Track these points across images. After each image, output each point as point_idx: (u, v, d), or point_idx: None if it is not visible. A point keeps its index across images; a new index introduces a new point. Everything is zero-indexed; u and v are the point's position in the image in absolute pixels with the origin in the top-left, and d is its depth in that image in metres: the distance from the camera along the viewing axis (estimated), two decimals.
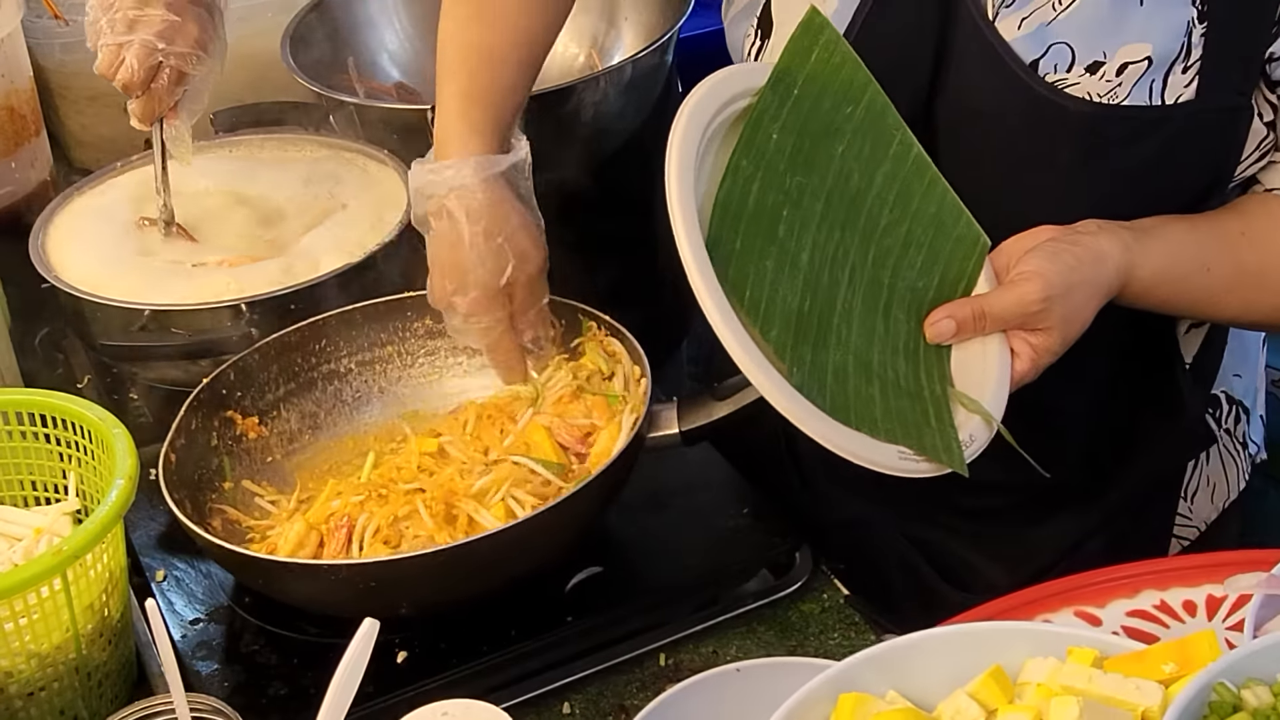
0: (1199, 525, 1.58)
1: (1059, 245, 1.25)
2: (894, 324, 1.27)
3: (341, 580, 1.20)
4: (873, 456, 1.18)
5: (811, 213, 1.26)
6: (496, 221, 1.34)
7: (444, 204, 1.34)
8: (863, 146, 1.29)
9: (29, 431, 1.34)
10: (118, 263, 1.62)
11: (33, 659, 1.19)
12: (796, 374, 1.19)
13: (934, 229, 1.31)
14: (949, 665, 0.89)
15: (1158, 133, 1.28)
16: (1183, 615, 0.98)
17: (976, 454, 1.23)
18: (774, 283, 1.21)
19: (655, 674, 1.32)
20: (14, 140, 1.76)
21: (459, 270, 1.34)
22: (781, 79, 1.26)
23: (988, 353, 1.28)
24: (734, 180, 1.23)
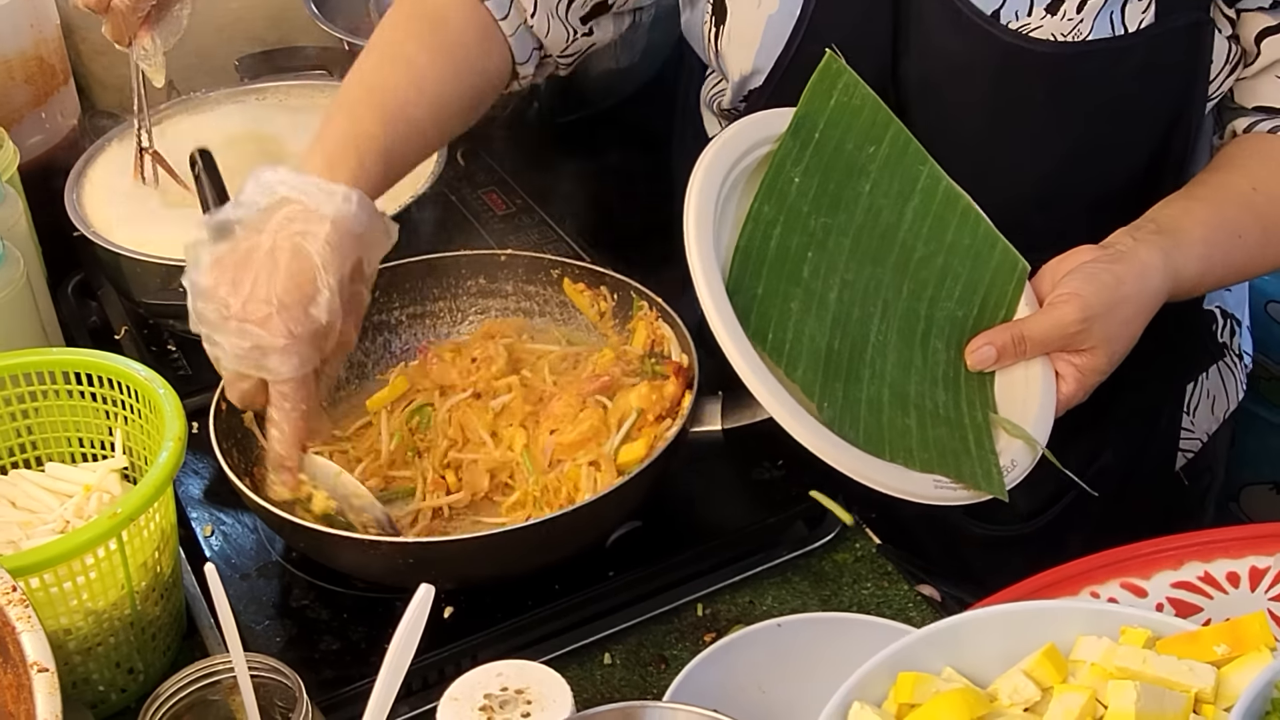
0: (1201, 437, 1.61)
1: (1098, 265, 1.26)
2: (932, 354, 1.29)
3: (383, 555, 1.23)
4: (907, 487, 1.20)
5: (839, 251, 1.28)
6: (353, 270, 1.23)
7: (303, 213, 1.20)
8: (890, 184, 1.31)
9: (75, 390, 1.36)
10: (150, 214, 1.63)
11: (90, 616, 1.22)
12: (828, 409, 1.21)
13: (970, 259, 1.33)
14: (1002, 642, 0.92)
15: (1126, 62, 1.29)
16: (1226, 586, 1.01)
17: (1019, 479, 1.25)
18: (799, 323, 1.23)
19: (693, 624, 1.35)
20: (44, 90, 1.75)
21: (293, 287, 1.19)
22: (802, 124, 1.28)
23: (1030, 377, 1.29)
24: (755, 226, 1.25)
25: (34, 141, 1.73)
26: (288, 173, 1.23)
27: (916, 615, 1.35)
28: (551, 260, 1.53)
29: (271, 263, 1.19)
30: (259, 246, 1.20)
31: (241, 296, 1.19)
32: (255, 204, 1.23)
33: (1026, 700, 0.90)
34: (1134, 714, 0.84)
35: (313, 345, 1.21)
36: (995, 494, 1.24)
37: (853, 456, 1.19)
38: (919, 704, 0.89)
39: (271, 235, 1.20)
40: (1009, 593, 1.00)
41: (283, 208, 1.21)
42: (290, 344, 1.19)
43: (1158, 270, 1.27)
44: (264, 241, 1.20)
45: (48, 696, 0.92)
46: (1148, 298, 1.27)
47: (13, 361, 1.34)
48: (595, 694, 1.29)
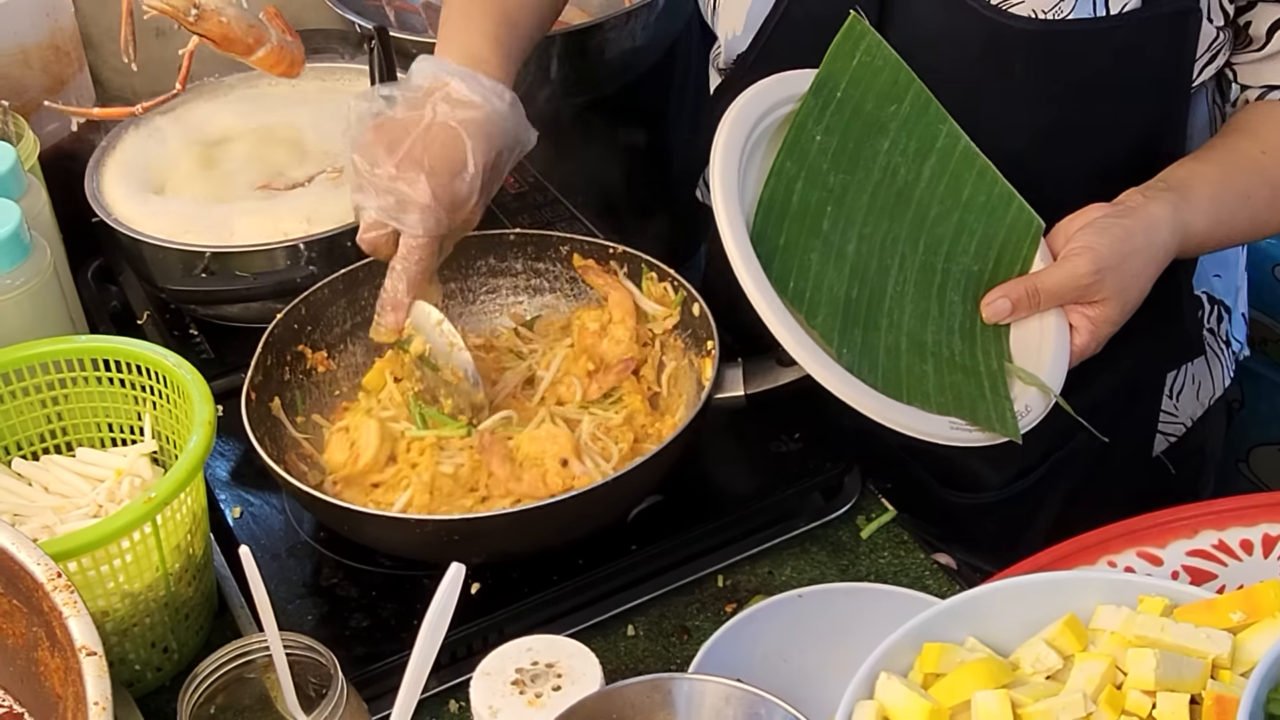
0: (1185, 422, 1.63)
1: (1109, 220, 1.29)
2: (949, 306, 1.31)
3: (428, 533, 1.25)
4: (924, 427, 1.23)
5: (857, 207, 1.31)
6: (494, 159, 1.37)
7: (462, 100, 1.34)
8: (908, 142, 1.34)
9: (104, 376, 1.38)
10: (170, 200, 1.64)
11: (126, 598, 1.24)
12: (847, 354, 1.24)
13: (986, 215, 1.35)
14: (1023, 613, 0.94)
15: (1107, 42, 1.31)
16: (1240, 553, 1.03)
17: (1033, 424, 1.28)
18: (819, 273, 1.26)
19: (714, 595, 1.38)
20: (59, 79, 1.77)
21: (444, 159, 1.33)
22: (824, 84, 1.31)
23: (1045, 328, 1.32)
24: (778, 180, 1.28)
25: (51, 129, 1.75)
26: (452, 63, 1.37)
27: (933, 583, 1.38)
28: (560, 237, 1.55)
29: (428, 135, 1.34)
30: (419, 120, 1.34)
31: (396, 157, 1.33)
32: (420, 85, 1.37)
33: (1048, 668, 0.92)
34: (1153, 681, 0.86)
35: (449, 212, 1.35)
36: (1010, 436, 1.27)
37: (872, 398, 1.22)
38: (944, 674, 0.92)
39: (431, 112, 1.35)
40: (1028, 563, 1.02)
41: (442, 90, 1.36)
42: (432, 205, 1.33)
43: (1166, 223, 1.30)
44: (424, 116, 1.34)
45: (97, 679, 0.95)
46: (1157, 250, 1.30)
47: (42, 349, 1.36)
48: (620, 665, 1.32)
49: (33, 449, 1.40)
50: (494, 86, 1.36)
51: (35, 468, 1.38)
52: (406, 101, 1.36)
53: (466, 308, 1.56)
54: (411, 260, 1.36)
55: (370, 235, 1.37)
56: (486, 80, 1.36)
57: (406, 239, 1.35)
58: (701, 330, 1.44)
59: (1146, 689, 0.87)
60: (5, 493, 1.36)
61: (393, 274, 1.37)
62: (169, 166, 1.70)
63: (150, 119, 1.75)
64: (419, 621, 1.08)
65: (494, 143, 1.36)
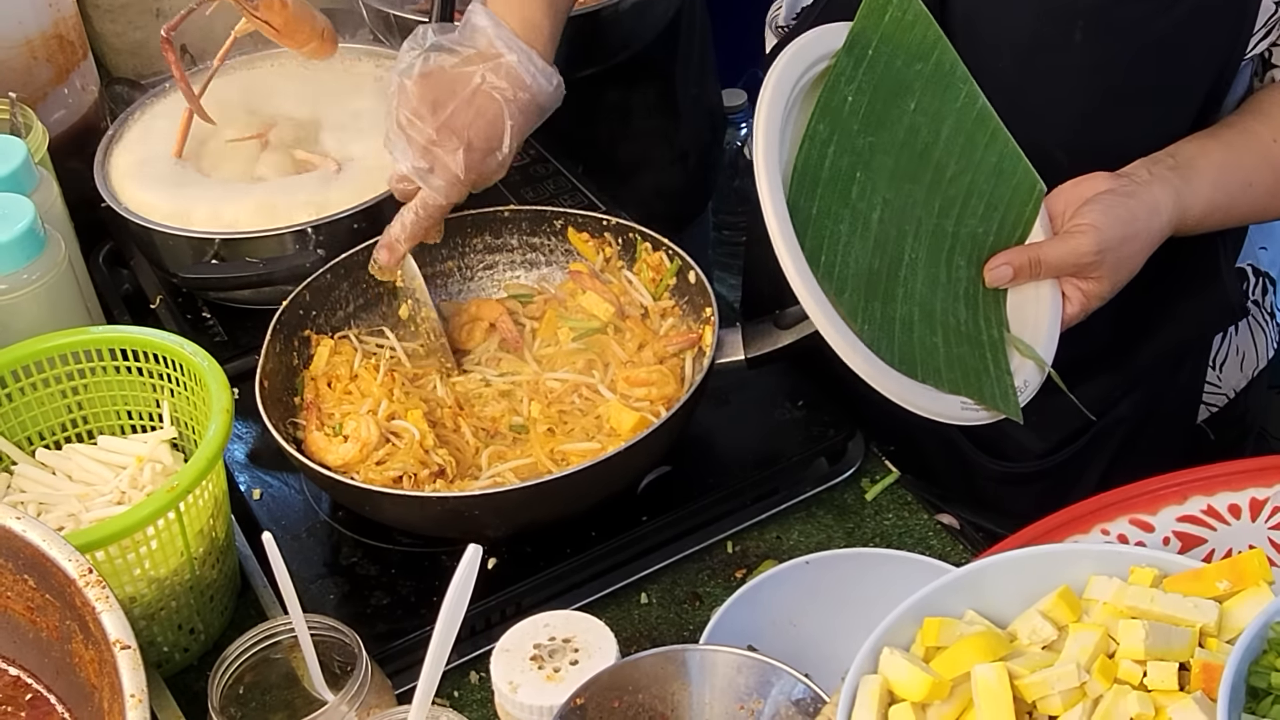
0: (1228, 393, 1.66)
1: (1115, 198, 1.31)
2: (955, 271, 1.34)
3: (449, 510, 1.29)
4: (938, 409, 1.27)
5: (882, 171, 1.32)
6: (528, 120, 1.40)
7: (512, 76, 1.37)
8: (931, 101, 1.34)
9: (122, 366, 1.42)
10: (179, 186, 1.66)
11: (153, 583, 1.28)
12: (867, 330, 1.26)
13: (995, 177, 1.37)
14: (1019, 585, 0.98)
15: (1168, 13, 1.32)
16: (1228, 518, 1.06)
17: (1030, 397, 1.32)
18: (847, 245, 1.28)
19: (724, 561, 1.42)
20: (65, 67, 1.78)
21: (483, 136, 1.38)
22: (857, 41, 1.31)
23: (1041, 297, 1.35)
24: (811, 145, 1.28)
25: (58, 117, 1.77)
26: (505, 30, 1.39)
27: (937, 543, 1.42)
28: (554, 212, 1.58)
29: (472, 105, 1.37)
30: (465, 81, 1.37)
31: (439, 119, 1.37)
32: (473, 43, 1.39)
33: (1044, 639, 0.96)
34: (1143, 650, 0.90)
35: (473, 187, 1.41)
36: (1011, 415, 1.30)
37: (894, 380, 1.25)
38: (945, 647, 0.95)
39: (480, 78, 1.38)
40: (1024, 534, 1.06)
41: (497, 59, 1.38)
42: (462, 178, 1.39)
43: (1166, 209, 1.32)
44: (472, 78, 1.37)
45: (132, 672, 0.98)
46: (1153, 234, 1.32)
47: (61, 341, 1.40)
48: (634, 633, 1.36)
49: (55, 438, 1.44)
50: (545, 70, 1.40)
51: (58, 457, 1.42)
52: (460, 56, 1.38)
53: (465, 284, 1.59)
54: (422, 214, 1.42)
55: (399, 186, 1.44)
56: (539, 61, 1.39)
57: (425, 194, 1.41)
58: (699, 298, 1.47)
59: (1137, 658, 0.91)
60: (30, 482, 1.39)
61: (401, 217, 1.43)
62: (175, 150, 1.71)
63: (153, 105, 1.77)
64: (438, 598, 1.12)
65: (531, 121, 1.41)
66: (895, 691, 0.94)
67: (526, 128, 1.41)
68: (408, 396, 1.42)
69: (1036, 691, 0.92)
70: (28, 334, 1.41)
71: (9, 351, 1.38)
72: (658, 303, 1.52)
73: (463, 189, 1.41)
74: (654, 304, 1.51)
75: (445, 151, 1.37)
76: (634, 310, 1.51)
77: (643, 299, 1.52)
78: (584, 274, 1.54)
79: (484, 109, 1.37)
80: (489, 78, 1.37)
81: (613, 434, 1.39)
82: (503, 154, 1.39)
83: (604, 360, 1.46)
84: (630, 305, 1.52)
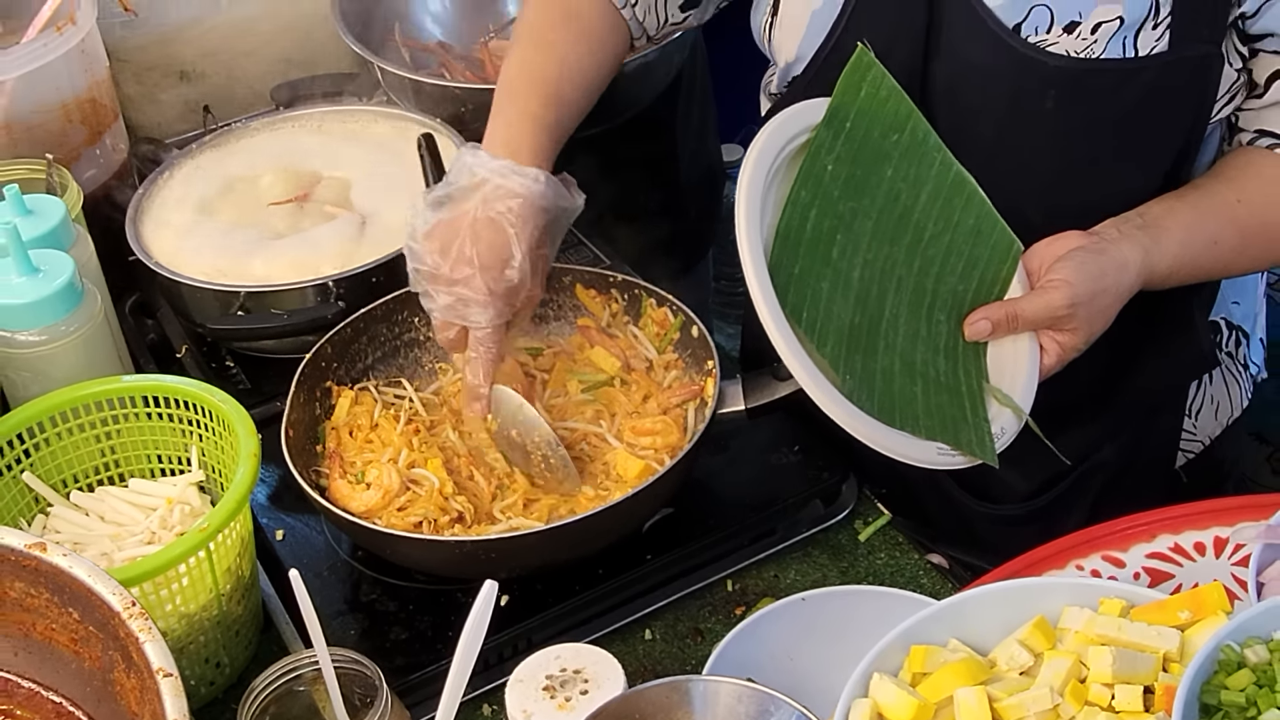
0: (1204, 440, 1.73)
1: (1086, 255, 1.39)
2: (935, 325, 1.42)
3: (467, 553, 1.36)
4: (914, 454, 1.34)
5: (863, 232, 1.40)
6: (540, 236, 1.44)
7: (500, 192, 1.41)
8: (909, 169, 1.43)
9: (153, 412, 1.49)
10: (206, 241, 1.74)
11: (183, 619, 1.35)
12: (849, 381, 1.34)
13: (973, 238, 1.45)
14: (999, 615, 1.05)
15: (1135, 81, 1.39)
16: (1194, 555, 1.14)
17: (1006, 445, 1.39)
18: (829, 302, 1.36)
19: (724, 598, 1.49)
20: (97, 129, 1.86)
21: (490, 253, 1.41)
22: (835, 115, 1.40)
23: (1019, 350, 1.43)
24: (793, 210, 1.37)
25: (89, 175, 1.84)
26: (486, 156, 1.45)
27: (927, 581, 1.48)
28: (563, 269, 1.65)
29: (474, 233, 1.42)
30: (464, 218, 1.42)
31: (450, 260, 1.42)
32: (460, 183, 1.44)
33: (1021, 665, 1.03)
34: (1111, 675, 0.97)
35: (506, 301, 1.44)
36: (988, 461, 1.37)
37: (870, 426, 1.33)
38: (930, 673, 1.02)
39: (473, 210, 1.42)
40: (1005, 568, 1.13)
41: (482, 187, 1.43)
42: (488, 299, 1.43)
43: (1135, 265, 1.40)
44: (467, 214, 1.42)
45: (174, 699, 1.05)
46: (1123, 288, 1.40)
47: (96, 389, 1.47)
48: (639, 667, 1.43)
49: (88, 481, 1.51)
50: (529, 172, 1.43)
51: (91, 499, 1.49)
52: (452, 201, 1.43)
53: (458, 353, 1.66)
54: (480, 350, 1.46)
55: (444, 335, 1.48)
56: (520, 168, 1.43)
57: (474, 332, 1.45)
58: (701, 350, 1.55)
59: (1105, 682, 0.98)
60: (65, 523, 1.46)
61: (469, 365, 1.47)
62: (203, 207, 1.80)
63: (182, 164, 1.86)
64: (453, 633, 1.18)
65: (537, 222, 1.43)
66: (884, 714, 1.02)
67: (534, 228, 1.43)
68: (426, 446, 1.49)
69: (1014, 713, 0.99)
70: (64, 382, 1.48)
71: (47, 399, 1.46)
72: (662, 356, 1.59)
73: (498, 305, 1.43)
74: (658, 357, 1.59)
75: (464, 284, 1.41)
76: (639, 363, 1.59)
77: (648, 353, 1.59)
78: (591, 329, 1.61)
79: (484, 232, 1.41)
80: (481, 205, 1.42)
81: (619, 480, 1.46)
82: (516, 260, 1.41)
83: (611, 410, 1.54)
84: (636, 359, 1.59)
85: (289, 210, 1.79)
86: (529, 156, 1.45)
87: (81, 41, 1.78)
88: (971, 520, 1.69)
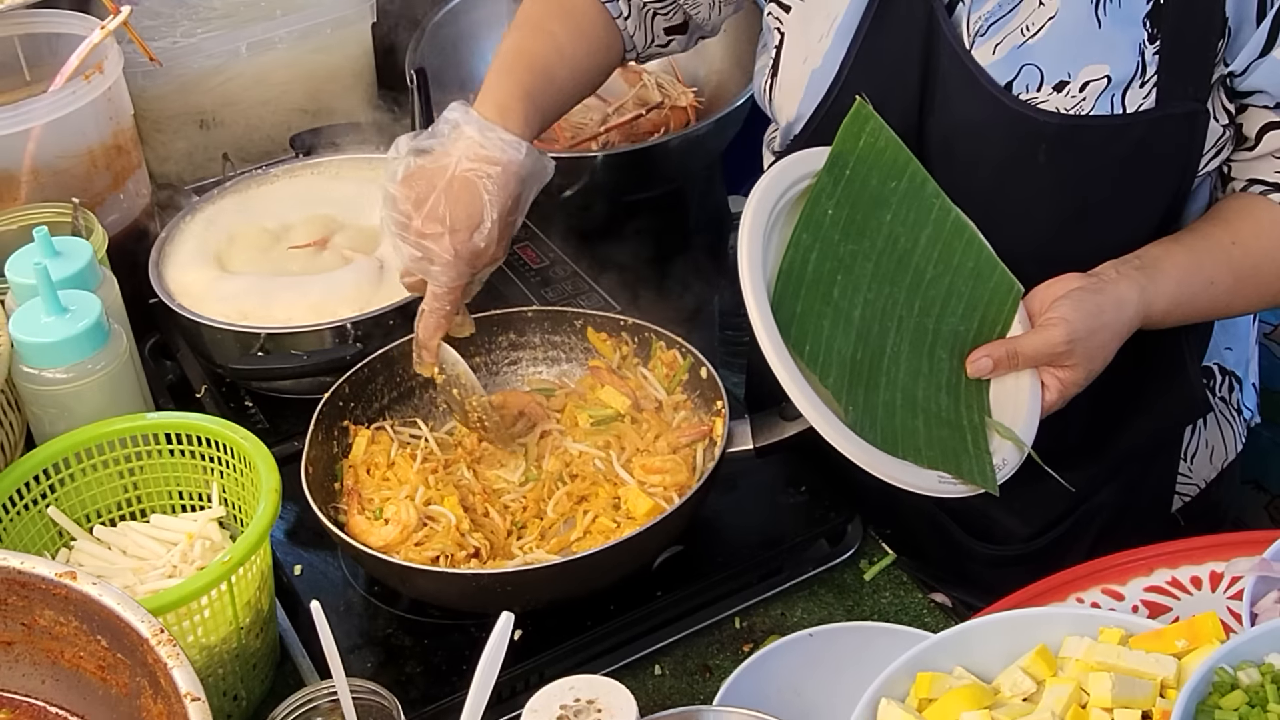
0: (1199, 484, 1.77)
1: (1084, 294, 1.43)
2: (938, 363, 1.46)
3: (482, 586, 1.39)
4: (916, 481, 1.38)
5: (863, 274, 1.45)
6: (513, 204, 1.49)
7: (482, 155, 1.46)
8: (907, 214, 1.48)
9: (176, 449, 1.52)
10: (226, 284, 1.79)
11: (204, 651, 1.38)
12: (852, 412, 1.38)
13: (973, 280, 1.50)
14: (1002, 644, 1.09)
15: (1124, 137, 1.44)
16: (1190, 589, 1.18)
17: (1008, 475, 1.43)
18: (830, 337, 1.41)
19: (732, 635, 1.52)
20: (121, 174, 1.91)
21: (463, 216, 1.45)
22: (835, 162, 1.45)
23: (1020, 386, 1.47)
24: (795, 252, 1.42)
25: (112, 219, 1.89)
26: (473, 115, 1.49)
27: (931, 620, 1.51)
28: (574, 312, 1.70)
29: (450, 191, 1.46)
30: (442, 173, 1.46)
31: (421, 213, 1.46)
32: (444, 135, 1.49)
33: (1024, 692, 1.07)
34: (1110, 700, 1.01)
35: (470, 263, 1.49)
36: (988, 489, 1.41)
37: (871, 453, 1.36)
38: (935, 698, 1.06)
39: (452, 166, 1.46)
40: (1008, 601, 1.17)
41: (465, 144, 1.47)
42: (452, 260, 1.47)
43: (1133, 304, 1.44)
44: (445, 170, 1.46)
45: None
46: (1122, 326, 1.44)
47: (120, 426, 1.51)
48: (649, 702, 1.45)
49: (111, 516, 1.54)
50: (511, 140, 1.48)
51: (114, 533, 1.52)
52: (433, 153, 1.48)
53: (491, 379, 1.70)
54: (435, 305, 1.52)
55: (407, 280, 1.56)
56: (505, 134, 1.48)
57: (432, 287, 1.51)
58: (710, 391, 1.59)
59: (1105, 707, 1.02)
60: (88, 556, 1.49)
61: (421, 315, 1.54)
62: (224, 250, 1.85)
63: (203, 209, 1.90)
64: (468, 666, 1.21)
65: (511, 190, 1.48)
66: None
67: (507, 195, 1.48)
68: (442, 484, 1.53)
69: None
70: (90, 419, 1.52)
71: (72, 435, 1.49)
72: (671, 397, 1.63)
73: (460, 268, 1.48)
74: (668, 398, 1.63)
75: (432, 240, 1.46)
76: (649, 404, 1.62)
77: (657, 393, 1.63)
78: (602, 369, 1.66)
79: (460, 193, 1.46)
80: (462, 163, 1.46)
81: (629, 517, 1.50)
82: (486, 226, 1.46)
83: (620, 444, 1.58)
84: (645, 399, 1.63)
85: (308, 254, 1.83)
86: (517, 125, 1.50)
87: (108, 90, 1.83)
88: (973, 561, 1.73)
